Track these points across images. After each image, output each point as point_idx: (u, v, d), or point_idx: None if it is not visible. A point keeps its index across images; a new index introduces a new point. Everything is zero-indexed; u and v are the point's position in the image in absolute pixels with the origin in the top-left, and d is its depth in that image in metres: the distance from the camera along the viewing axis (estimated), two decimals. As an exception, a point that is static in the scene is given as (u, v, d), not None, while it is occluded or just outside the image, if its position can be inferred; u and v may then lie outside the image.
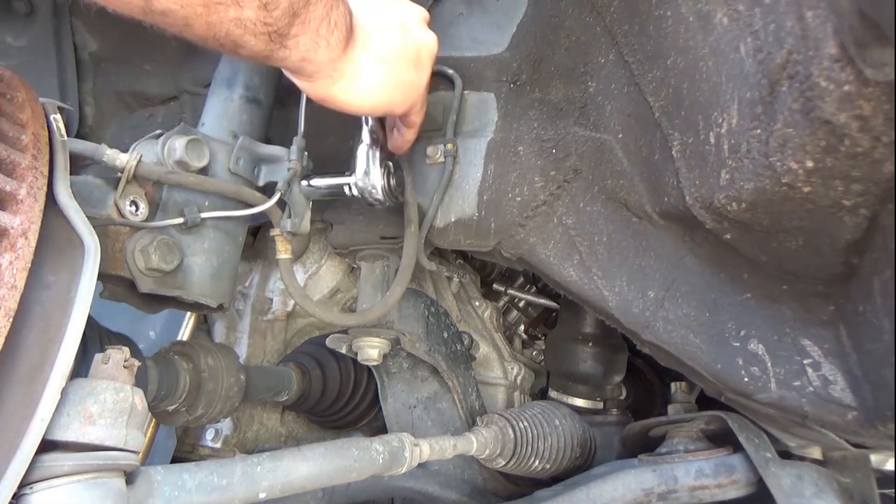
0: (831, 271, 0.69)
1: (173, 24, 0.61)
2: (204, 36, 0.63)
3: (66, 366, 0.58)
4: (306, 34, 0.69)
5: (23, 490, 0.56)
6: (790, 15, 0.55)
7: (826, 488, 0.83)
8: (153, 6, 0.59)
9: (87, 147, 0.80)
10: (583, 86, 0.97)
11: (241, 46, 0.66)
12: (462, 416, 1.18)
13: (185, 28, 0.62)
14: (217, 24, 0.62)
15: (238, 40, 0.65)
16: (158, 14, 0.60)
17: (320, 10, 0.68)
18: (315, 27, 0.69)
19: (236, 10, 0.62)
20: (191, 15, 0.60)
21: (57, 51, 1.26)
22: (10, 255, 0.56)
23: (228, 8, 0.61)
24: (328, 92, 0.78)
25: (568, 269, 0.97)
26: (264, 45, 0.67)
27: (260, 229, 1.36)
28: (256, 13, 0.63)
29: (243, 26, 0.63)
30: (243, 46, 0.66)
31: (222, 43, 0.65)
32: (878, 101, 0.50)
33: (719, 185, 0.67)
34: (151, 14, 0.60)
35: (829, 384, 0.73)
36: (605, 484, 0.94)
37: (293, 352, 1.34)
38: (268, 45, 0.67)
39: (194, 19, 0.61)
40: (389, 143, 0.97)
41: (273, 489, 0.73)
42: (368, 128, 0.96)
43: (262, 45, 0.67)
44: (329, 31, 0.71)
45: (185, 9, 0.60)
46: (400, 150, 0.98)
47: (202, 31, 0.63)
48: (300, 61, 0.72)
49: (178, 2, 0.59)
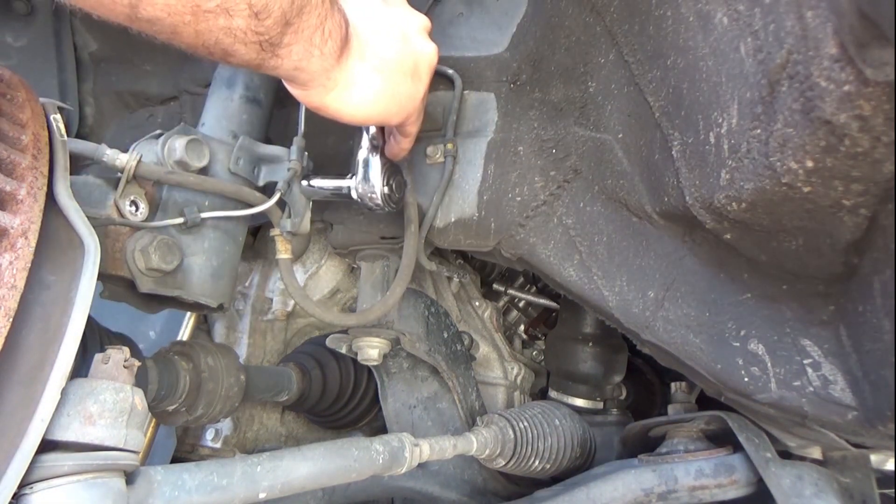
0: (831, 271, 0.69)
1: (161, 31, 0.60)
2: (192, 44, 0.62)
3: (66, 366, 0.58)
4: (299, 43, 0.68)
5: (23, 490, 0.56)
6: (790, 15, 0.55)
7: (826, 488, 0.83)
8: (139, 14, 0.57)
9: (87, 147, 0.80)
10: (583, 86, 0.97)
11: (231, 55, 0.65)
12: (462, 416, 1.18)
13: (174, 36, 0.61)
14: (206, 33, 0.61)
15: (228, 49, 0.64)
16: (145, 22, 0.59)
17: (314, 20, 0.67)
18: (308, 36, 0.68)
19: (226, 19, 0.60)
20: (178, 23, 0.59)
21: (57, 51, 1.26)
22: (10, 255, 0.56)
23: (218, 17, 0.60)
24: (322, 101, 0.77)
25: (568, 269, 0.97)
26: (255, 54, 0.65)
27: (260, 229, 1.36)
28: (247, 22, 0.62)
29: (233, 35, 0.62)
30: (233, 55, 0.65)
31: (212, 51, 0.64)
32: (878, 101, 0.50)
33: (719, 185, 0.67)
34: (138, 21, 0.59)
35: (829, 384, 0.73)
36: (605, 484, 0.94)
37: (293, 352, 1.34)
38: (259, 54, 0.66)
39: (182, 28, 0.60)
40: (387, 150, 0.97)
41: (273, 489, 0.73)
42: (369, 134, 0.96)
43: (253, 55, 0.65)
44: (323, 41, 0.70)
45: (172, 17, 0.58)
46: (397, 157, 0.98)
47: (190, 39, 0.61)
48: (293, 70, 0.71)
49: (165, 10, 0.58)
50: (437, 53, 0.87)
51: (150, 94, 1.34)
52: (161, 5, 0.57)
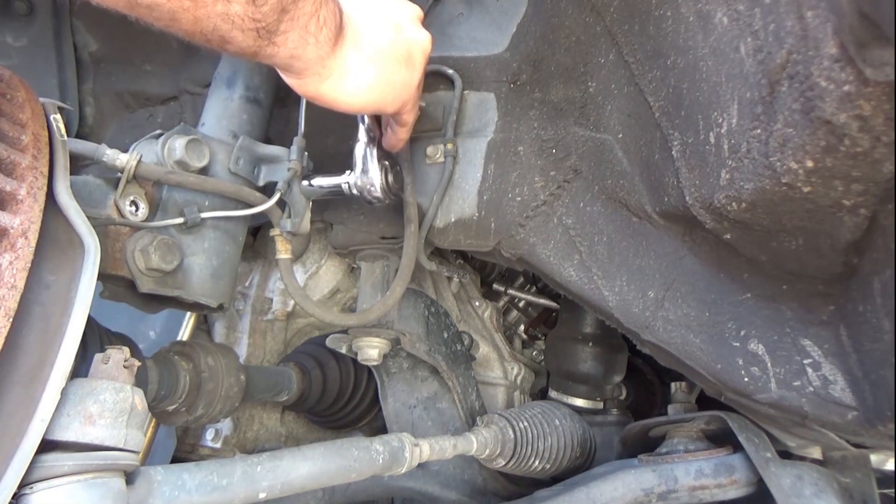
0: (831, 271, 0.69)
1: (159, 18, 0.61)
2: (191, 31, 0.63)
3: (66, 366, 0.58)
4: (295, 31, 0.68)
5: (23, 490, 0.56)
6: (790, 15, 0.55)
7: (826, 488, 0.83)
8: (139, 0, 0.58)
9: (87, 147, 0.80)
10: (583, 86, 0.97)
11: (228, 42, 0.65)
12: (462, 416, 1.18)
13: (172, 23, 0.61)
14: (204, 19, 0.61)
15: (225, 35, 0.64)
16: (144, 8, 0.59)
17: (309, 7, 0.68)
18: (304, 24, 0.68)
19: (224, 5, 0.61)
20: (177, 9, 0.60)
21: (57, 51, 1.26)
22: (10, 255, 0.56)
23: (216, 2, 0.60)
24: (317, 90, 0.77)
25: (568, 269, 0.97)
26: (252, 41, 0.66)
27: (260, 229, 1.36)
28: (245, 8, 0.62)
29: (231, 21, 0.63)
30: (230, 42, 0.65)
31: (209, 38, 0.64)
32: (878, 101, 0.50)
33: (719, 185, 0.67)
34: (137, 8, 0.59)
35: (829, 384, 0.73)
36: (605, 484, 0.94)
37: (293, 352, 1.34)
38: (256, 41, 0.66)
39: (181, 13, 0.60)
40: (384, 142, 0.97)
41: (273, 489, 0.73)
42: (365, 126, 0.96)
43: (250, 41, 0.66)
44: (318, 28, 0.70)
45: (171, 3, 0.59)
46: (394, 149, 0.98)
47: (189, 25, 0.62)
48: (289, 58, 0.71)
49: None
50: (431, 41, 0.87)
51: (150, 94, 1.34)
52: None
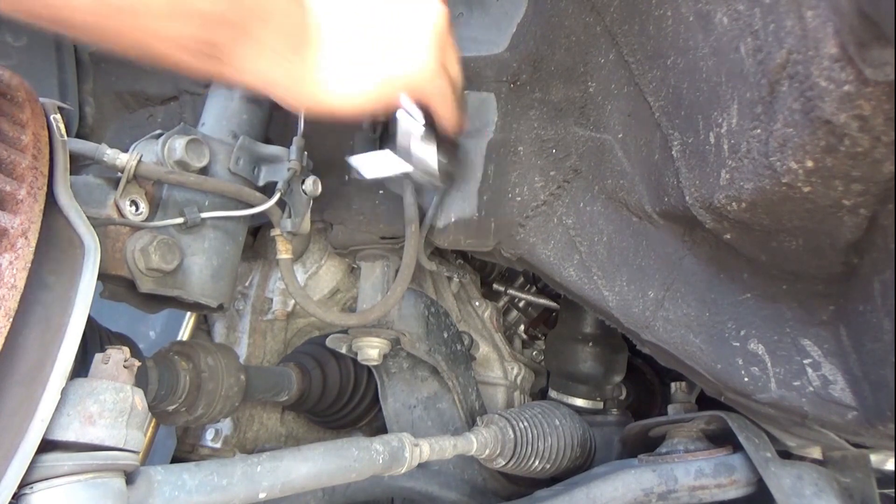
0: (831, 271, 0.69)
1: (88, 37, 0.57)
2: (131, 51, 0.59)
3: (66, 366, 0.58)
4: (249, 49, 0.63)
5: (23, 490, 0.56)
6: (790, 15, 0.55)
7: (826, 488, 0.83)
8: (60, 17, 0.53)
9: (87, 147, 0.80)
10: (583, 86, 0.97)
11: (176, 65, 0.61)
12: (462, 416, 1.18)
13: (103, 42, 0.57)
14: (142, 40, 0.58)
15: (173, 58, 0.60)
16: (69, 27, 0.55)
17: (266, 25, 0.63)
18: (259, 41, 0.64)
19: (167, 27, 0.57)
20: (112, 29, 0.56)
21: (57, 51, 1.26)
22: (10, 255, 0.56)
23: (158, 22, 0.56)
24: (298, 102, 0.73)
25: (568, 269, 0.97)
26: (201, 63, 0.62)
27: (260, 229, 1.36)
28: (192, 31, 0.58)
29: (176, 44, 0.59)
30: (178, 65, 0.61)
31: (153, 60, 0.60)
32: (878, 101, 0.50)
33: (719, 185, 0.67)
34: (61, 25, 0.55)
35: (829, 384, 0.73)
36: (605, 484, 0.94)
37: (293, 352, 1.34)
38: (205, 63, 0.62)
39: (116, 35, 0.57)
40: (442, 128, 0.88)
41: (273, 489, 0.73)
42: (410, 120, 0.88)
43: (200, 64, 0.62)
44: (278, 42, 0.65)
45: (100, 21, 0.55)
46: (456, 130, 0.90)
47: (125, 45, 0.58)
48: (248, 78, 0.67)
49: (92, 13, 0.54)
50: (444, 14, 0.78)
51: (150, 94, 1.34)
52: None
